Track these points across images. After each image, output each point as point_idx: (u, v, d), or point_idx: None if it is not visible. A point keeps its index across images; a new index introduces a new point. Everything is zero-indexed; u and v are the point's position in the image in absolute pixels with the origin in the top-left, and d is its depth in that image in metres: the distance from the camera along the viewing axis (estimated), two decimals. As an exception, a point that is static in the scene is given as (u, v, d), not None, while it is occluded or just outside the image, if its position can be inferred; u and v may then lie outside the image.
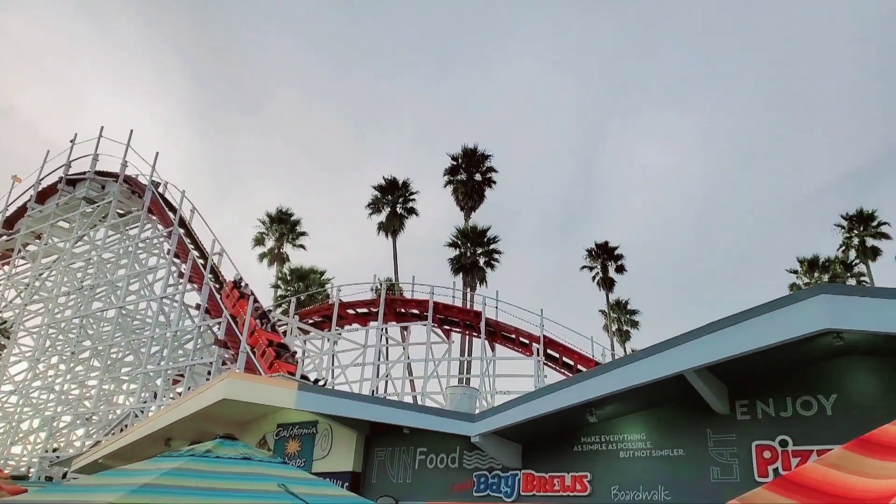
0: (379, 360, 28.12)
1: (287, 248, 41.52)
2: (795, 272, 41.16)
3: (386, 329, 29.28)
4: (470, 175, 38.13)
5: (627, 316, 44.60)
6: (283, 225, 41.54)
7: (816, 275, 40.32)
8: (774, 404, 8.88)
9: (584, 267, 42.93)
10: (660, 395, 9.19)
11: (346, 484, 12.08)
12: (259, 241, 42.28)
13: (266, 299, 37.50)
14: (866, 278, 39.14)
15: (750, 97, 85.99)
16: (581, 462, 9.96)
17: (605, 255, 41.97)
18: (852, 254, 39.64)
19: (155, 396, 25.38)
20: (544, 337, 26.71)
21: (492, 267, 35.52)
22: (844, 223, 39.72)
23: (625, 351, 42.04)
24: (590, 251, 42.70)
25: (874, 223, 38.94)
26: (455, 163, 38.66)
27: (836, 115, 76.24)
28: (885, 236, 38.70)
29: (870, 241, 38.87)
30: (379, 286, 30.85)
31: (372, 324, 29.17)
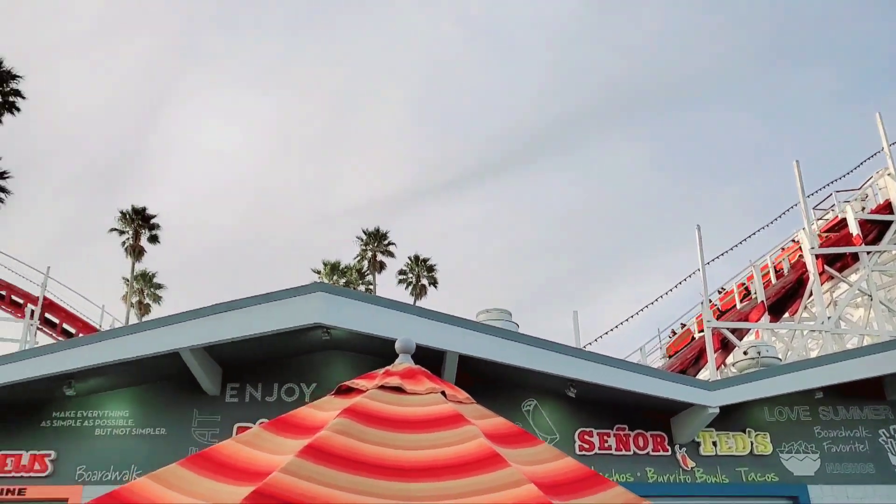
0: None
1: None
2: (319, 272, 45.39)
3: None
4: (-16, 89, 31.01)
5: (152, 289, 42.34)
6: None
7: (336, 277, 45.12)
8: (262, 388, 9.45)
9: (113, 230, 39.25)
10: (152, 372, 8.85)
11: None
12: None
13: None
14: (373, 287, 45.54)
15: (317, 105, 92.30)
16: (47, 439, 8.86)
17: (139, 221, 39.04)
18: (366, 264, 45.75)
19: None
20: (45, 299, 23.30)
21: (-12, 207, 29.33)
22: (364, 237, 45.72)
23: (141, 325, 39.50)
24: (124, 214, 39.22)
25: (385, 242, 45.87)
26: (-34, 69, 30.98)
27: (381, 144, 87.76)
28: (391, 254, 45.93)
29: (380, 256, 45.54)
30: None
31: None
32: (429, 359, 8.90)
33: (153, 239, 39.89)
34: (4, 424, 8.90)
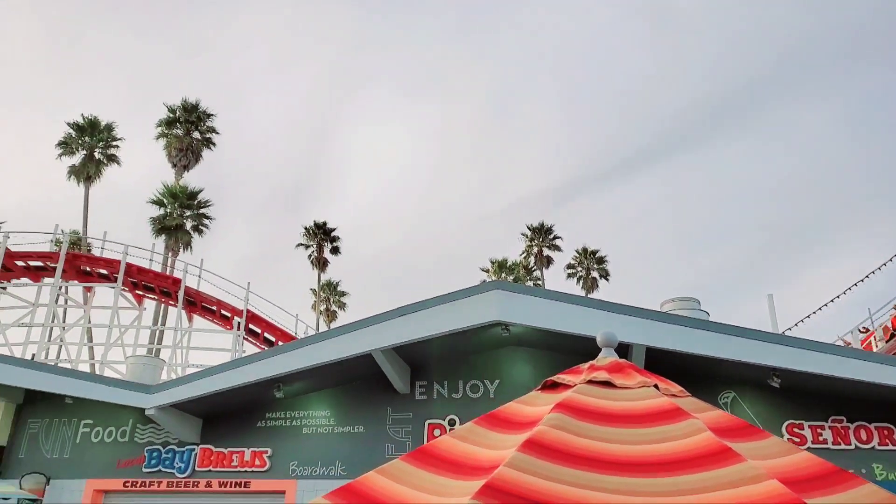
0: (53, 321, 24.47)
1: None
2: (487, 271, 46.14)
3: (66, 288, 25.65)
4: (188, 131, 35.19)
5: (337, 297, 45.49)
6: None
7: (504, 275, 45.51)
8: (448, 386, 9.74)
9: (299, 245, 42.75)
10: (347, 374, 9.47)
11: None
12: None
13: None
14: (541, 282, 45.32)
15: (473, 106, 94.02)
16: (264, 437, 9.82)
17: (321, 235, 42.19)
18: (532, 260, 45.69)
19: None
20: (248, 311, 25.91)
21: (200, 232, 33.08)
22: (528, 233, 45.71)
23: (329, 331, 42.57)
24: (307, 229, 42.58)
25: (551, 236, 45.53)
26: (172, 115, 35.31)
27: (539, 138, 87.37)
28: (558, 248, 45.48)
29: (546, 251, 45.25)
30: (60, 238, 26.92)
31: (46, 280, 25.30)
32: (613, 351, 8.67)
33: (335, 251, 42.84)
34: (228, 424, 9.99)
